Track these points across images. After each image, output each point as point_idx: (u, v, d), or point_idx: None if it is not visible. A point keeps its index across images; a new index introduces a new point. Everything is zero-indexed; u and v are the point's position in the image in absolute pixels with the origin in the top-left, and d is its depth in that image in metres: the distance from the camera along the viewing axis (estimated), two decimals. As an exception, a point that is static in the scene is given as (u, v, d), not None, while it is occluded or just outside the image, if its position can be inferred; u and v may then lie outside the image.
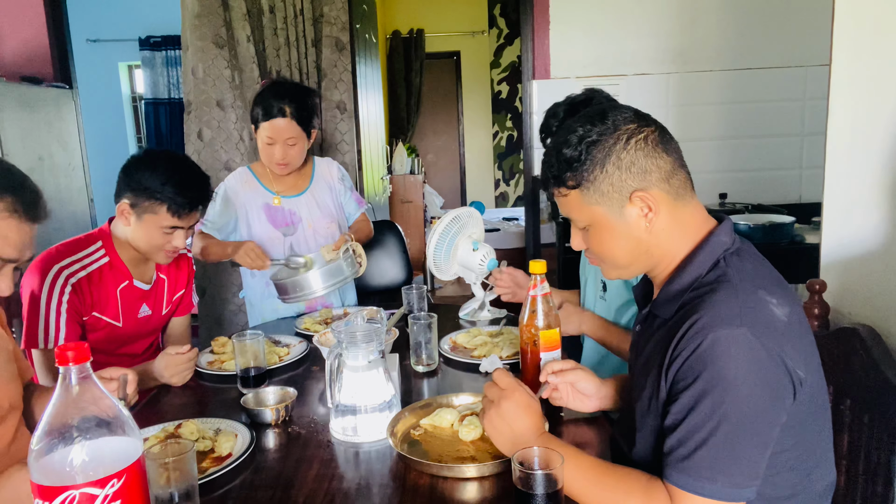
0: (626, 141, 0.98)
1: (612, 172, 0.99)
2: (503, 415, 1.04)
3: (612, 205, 1.01)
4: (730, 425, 0.86)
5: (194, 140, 3.10)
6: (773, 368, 0.88)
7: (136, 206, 1.66)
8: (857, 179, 1.50)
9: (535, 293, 1.33)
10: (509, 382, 1.07)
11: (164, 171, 1.65)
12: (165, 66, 5.62)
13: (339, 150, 3.21)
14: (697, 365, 0.89)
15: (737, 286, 0.93)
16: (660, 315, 1.03)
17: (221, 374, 1.64)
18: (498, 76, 6.96)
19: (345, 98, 3.18)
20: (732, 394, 0.86)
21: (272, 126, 2.04)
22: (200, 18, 2.97)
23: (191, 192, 1.67)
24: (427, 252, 1.94)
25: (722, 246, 1.00)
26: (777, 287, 0.97)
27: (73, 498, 0.76)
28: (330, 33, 3.10)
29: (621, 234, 1.02)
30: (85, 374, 0.79)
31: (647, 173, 0.98)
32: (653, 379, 0.99)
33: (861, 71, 1.48)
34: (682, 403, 0.91)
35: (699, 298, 0.95)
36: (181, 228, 1.70)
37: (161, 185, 1.63)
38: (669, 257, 1.03)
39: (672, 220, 1.01)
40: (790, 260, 2.72)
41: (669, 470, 0.91)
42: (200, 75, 3.02)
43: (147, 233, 1.69)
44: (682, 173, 1.02)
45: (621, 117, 1.00)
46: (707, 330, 0.89)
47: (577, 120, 1.03)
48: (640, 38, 3.17)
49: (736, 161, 3.24)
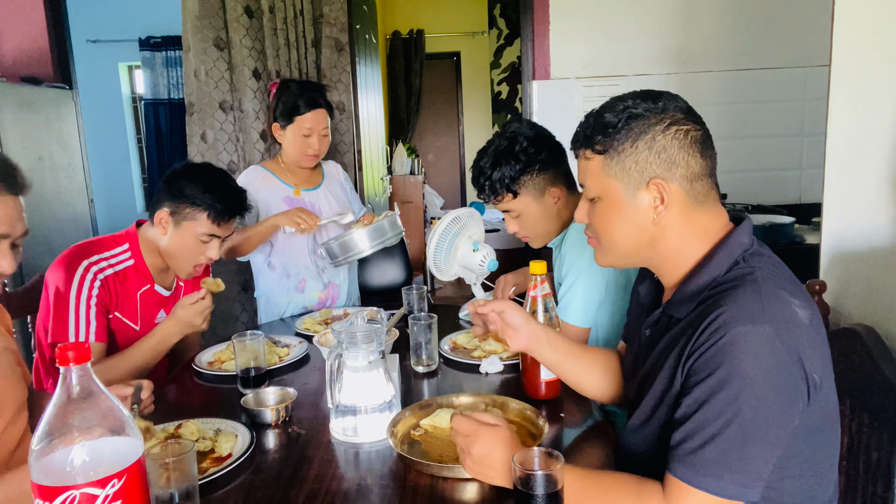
0: (667, 125, 0.97)
1: (641, 150, 0.98)
2: (479, 460, 1.02)
3: (629, 183, 1.00)
4: (742, 423, 0.85)
5: (197, 142, 3.10)
6: (792, 369, 0.87)
7: (175, 213, 1.71)
8: (857, 179, 1.51)
9: (536, 294, 1.33)
10: (469, 427, 1.04)
11: (205, 180, 1.72)
12: (165, 66, 5.62)
13: (339, 151, 3.21)
14: (716, 359, 0.88)
15: (760, 284, 0.92)
16: (675, 315, 1.02)
17: (221, 374, 1.64)
18: (498, 76, 6.96)
19: (344, 98, 3.18)
20: (748, 391, 0.85)
21: (314, 116, 2.14)
22: (201, 20, 2.97)
23: (231, 201, 1.75)
24: (427, 253, 1.94)
25: (741, 247, 0.99)
26: (798, 290, 0.96)
27: (73, 498, 0.76)
28: (330, 34, 3.10)
29: (628, 217, 1.02)
30: (85, 374, 0.79)
31: (674, 165, 0.97)
32: (666, 374, 0.98)
33: (861, 71, 1.48)
34: (694, 397, 0.89)
35: (721, 294, 0.93)
36: (217, 238, 1.75)
37: (202, 192, 1.70)
38: (679, 258, 1.02)
39: (683, 220, 1.00)
40: (790, 260, 2.69)
41: (675, 463, 0.89)
42: (203, 77, 3.02)
43: (183, 241, 1.73)
44: (709, 182, 1.01)
45: (673, 105, 0.99)
46: (730, 325, 0.88)
47: (627, 95, 1.02)
48: (640, 38, 3.17)
49: (736, 161, 3.23)
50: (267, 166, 2.26)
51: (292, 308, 2.25)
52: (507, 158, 1.59)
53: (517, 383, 1.48)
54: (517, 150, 1.59)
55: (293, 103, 2.14)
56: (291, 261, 2.23)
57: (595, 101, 2.84)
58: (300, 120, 2.14)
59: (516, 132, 1.62)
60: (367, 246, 2.02)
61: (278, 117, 2.17)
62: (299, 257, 2.24)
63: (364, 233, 2.02)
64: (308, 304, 2.25)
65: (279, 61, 3.11)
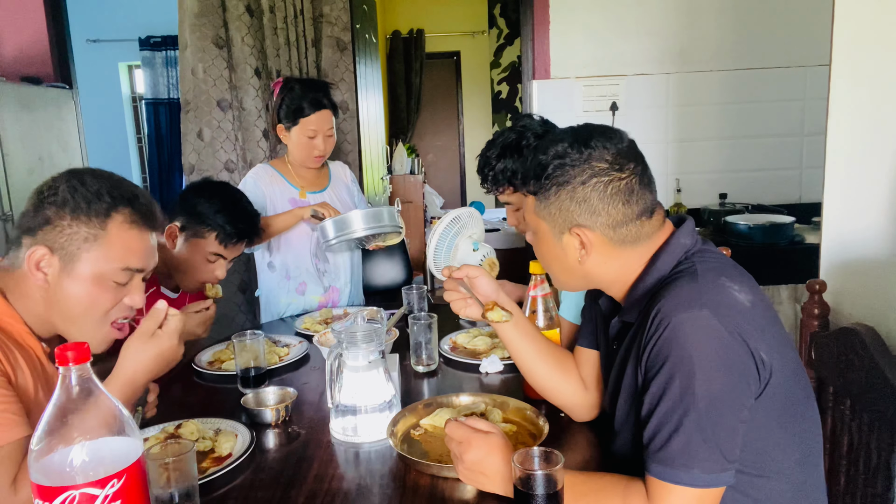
0: (588, 177, 0.99)
1: (563, 199, 1.00)
2: (472, 467, 1.02)
3: (554, 226, 1.04)
4: (697, 409, 0.87)
5: (193, 140, 3.09)
6: (735, 347, 0.89)
7: (186, 229, 1.73)
8: (857, 179, 1.51)
9: (536, 293, 1.33)
10: (463, 434, 1.04)
11: (219, 200, 1.74)
12: (165, 66, 5.62)
13: (342, 150, 3.21)
14: (663, 351, 0.91)
15: (698, 274, 0.95)
16: (628, 320, 1.05)
17: (221, 374, 1.64)
18: (498, 76, 6.96)
19: (346, 98, 3.18)
20: (698, 376, 0.87)
21: (320, 117, 2.13)
22: (200, 18, 2.97)
23: (241, 224, 1.76)
24: (427, 252, 1.94)
25: (683, 248, 1.02)
26: (740, 277, 0.98)
27: (73, 498, 0.76)
28: (330, 33, 3.10)
29: (557, 256, 1.06)
30: (85, 374, 0.79)
31: (595, 214, 1.00)
32: (630, 376, 1.01)
33: (861, 71, 1.48)
34: (652, 392, 0.92)
35: (662, 290, 0.96)
36: (223, 259, 1.75)
37: (214, 212, 1.71)
38: (619, 282, 1.06)
39: (609, 260, 1.03)
40: (790, 260, 2.72)
41: (649, 462, 0.91)
42: (200, 75, 3.02)
43: (190, 257, 1.74)
44: (637, 224, 1.01)
45: (598, 153, 0.99)
46: (670, 315, 0.91)
47: (564, 134, 1.04)
48: (640, 38, 3.17)
49: (736, 161, 3.23)
50: (274, 166, 2.26)
51: (292, 309, 2.25)
52: (512, 152, 1.60)
53: (517, 383, 1.48)
54: (524, 144, 1.60)
55: (297, 105, 2.13)
56: (292, 262, 2.23)
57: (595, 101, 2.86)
58: (305, 122, 2.12)
59: (526, 127, 1.63)
60: (360, 227, 1.99)
61: (282, 119, 2.15)
62: (300, 260, 2.23)
63: (360, 213, 2.00)
64: (308, 307, 2.25)
65: (279, 61, 3.11)
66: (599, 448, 1.21)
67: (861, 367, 1.25)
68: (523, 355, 1.25)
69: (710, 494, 0.88)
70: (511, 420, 1.29)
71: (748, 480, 0.94)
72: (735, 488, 0.93)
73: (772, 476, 0.96)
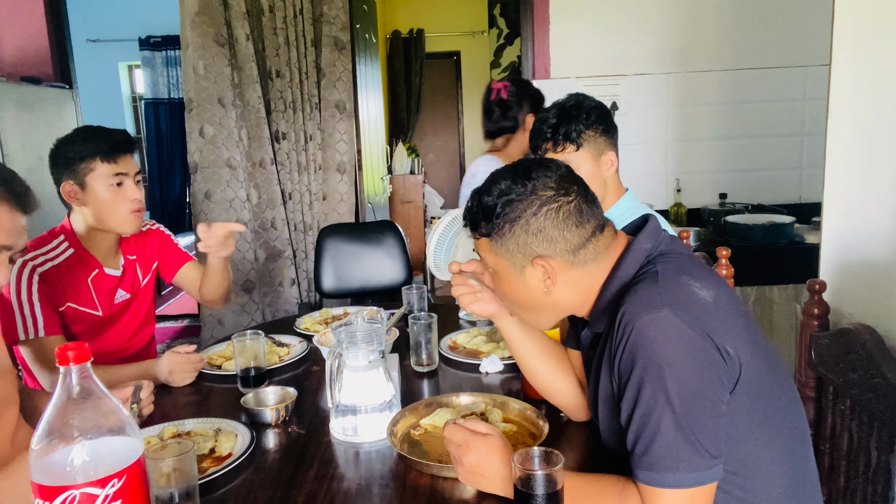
0: (538, 207, 0.98)
1: (518, 234, 1.00)
2: (471, 469, 1.03)
3: (514, 263, 1.02)
4: (673, 409, 0.87)
5: (196, 137, 3.10)
6: (700, 342, 0.89)
7: (74, 177, 1.70)
8: (857, 179, 1.51)
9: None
10: (461, 436, 1.04)
11: (81, 134, 1.73)
12: (165, 65, 5.62)
13: (339, 150, 3.21)
14: (631, 356, 0.91)
15: (659, 275, 0.96)
16: (598, 331, 1.06)
17: (221, 374, 1.64)
18: (498, 76, 6.95)
19: (344, 98, 3.18)
20: (668, 376, 0.87)
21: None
22: (201, 16, 2.97)
23: (112, 137, 1.72)
24: (427, 252, 1.94)
25: (644, 252, 1.02)
26: (702, 273, 0.98)
27: (73, 498, 0.76)
28: (330, 33, 3.10)
29: (521, 292, 1.05)
30: (85, 374, 0.79)
31: (553, 242, 0.99)
32: (606, 385, 1.01)
33: (861, 71, 1.48)
34: (628, 398, 0.92)
35: (626, 294, 0.96)
36: (125, 175, 1.72)
37: (82, 143, 1.70)
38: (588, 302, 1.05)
39: (575, 283, 1.03)
40: (790, 260, 2.72)
41: (635, 469, 0.91)
42: (202, 73, 3.02)
43: (98, 197, 1.71)
44: (594, 243, 1.01)
45: (542, 182, 0.99)
46: (633, 319, 0.91)
47: (503, 172, 1.03)
48: (640, 38, 3.17)
49: (736, 161, 3.23)
50: None
51: None
52: (575, 111, 1.60)
53: (517, 383, 1.48)
54: (586, 105, 1.60)
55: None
56: None
57: (595, 101, 2.73)
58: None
59: (583, 96, 1.64)
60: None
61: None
62: None
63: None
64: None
65: (279, 60, 3.11)
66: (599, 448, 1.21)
67: (861, 367, 1.25)
68: (525, 353, 1.25)
69: (702, 493, 0.88)
70: (511, 420, 1.29)
71: (733, 480, 0.94)
72: (721, 489, 0.93)
73: (758, 474, 0.95)
